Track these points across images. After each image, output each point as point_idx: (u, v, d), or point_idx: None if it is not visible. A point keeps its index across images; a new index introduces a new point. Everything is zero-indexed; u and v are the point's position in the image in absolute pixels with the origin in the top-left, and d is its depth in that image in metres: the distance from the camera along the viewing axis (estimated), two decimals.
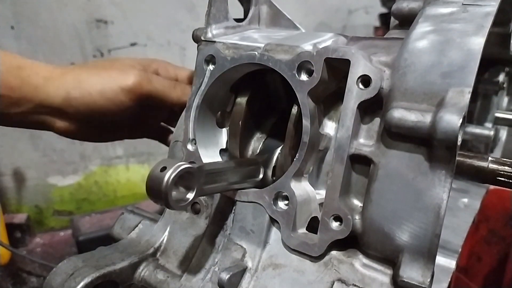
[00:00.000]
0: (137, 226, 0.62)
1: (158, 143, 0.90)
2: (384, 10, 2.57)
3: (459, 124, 0.37)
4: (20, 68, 0.68)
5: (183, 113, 0.60)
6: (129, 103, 0.70)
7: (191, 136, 0.57)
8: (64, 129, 0.73)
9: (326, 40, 0.53)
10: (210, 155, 0.58)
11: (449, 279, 0.51)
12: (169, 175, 0.39)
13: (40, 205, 2.60)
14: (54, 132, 0.75)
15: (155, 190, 0.39)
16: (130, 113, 0.73)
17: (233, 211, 0.53)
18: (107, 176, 2.72)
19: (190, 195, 0.42)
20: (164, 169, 0.39)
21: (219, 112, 0.60)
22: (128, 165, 2.75)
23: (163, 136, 0.88)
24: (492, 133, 0.70)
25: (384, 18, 2.60)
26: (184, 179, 0.41)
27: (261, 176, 0.55)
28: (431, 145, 0.39)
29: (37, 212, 2.60)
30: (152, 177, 0.40)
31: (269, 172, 0.56)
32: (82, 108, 0.69)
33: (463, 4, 0.46)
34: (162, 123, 0.87)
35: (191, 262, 0.55)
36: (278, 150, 0.56)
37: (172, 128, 0.81)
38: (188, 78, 0.80)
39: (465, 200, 0.72)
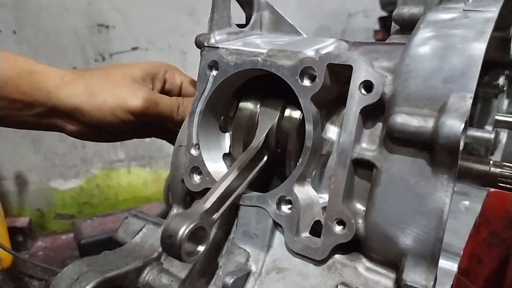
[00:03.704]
0: (141, 230, 0.62)
1: (160, 147, 0.92)
2: (383, 13, 2.58)
3: (461, 129, 0.37)
4: (31, 73, 0.69)
5: (187, 118, 0.61)
6: (137, 121, 0.73)
7: (194, 141, 0.58)
8: (75, 131, 0.75)
9: (328, 45, 0.53)
10: (213, 160, 0.59)
11: (451, 282, 0.51)
12: (179, 238, 0.42)
13: (42, 208, 2.61)
14: (66, 134, 0.77)
15: (169, 249, 0.43)
16: (136, 126, 0.75)
17: (236, 215, 0.54)
18: (109, 179, 2.73)
19: (201, 248, 0.45)
20: (175, 230, 0.42)
21: (222, 117, 0.61)
22: (129, 168, 2.76)
23: (170, 136, 0.90)
24: (492, 136, 0.70)
25: (384, 22, 2.61)
26: (194, 235, 0.44)
27: (265, 158, 0.55)
28: (433, 149, 0.40)
29: (39, 216, 2.61)
30: (164, 238, 0.43)
31: (272, 141, 0.55)
32: (91, 120, 0.72)
33: (464, 10, 0.47)
34: (169, 124, 0.88)
35: (195, 266, 0.55)
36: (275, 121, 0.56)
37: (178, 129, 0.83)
38: (192, 85, 0.81)
39: (466, 202, 0.73)
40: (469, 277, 1.11)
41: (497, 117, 0.83)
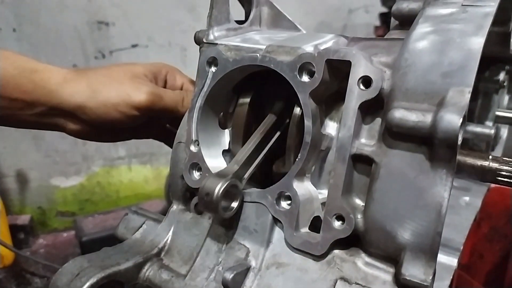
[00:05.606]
0: (141, 226, 0.62)
1: (160, 144, 0.91)
2: (384, 9, 2.57)
3: (459, 124, 0.37)
4: (33, 72, 0.68)
5: (186, 114, 0.61)
6: (141, 116, 0.73)
7: (194, 137, 0.58)
8: (76, 131, 0.75)
9: (327, 41, 0.53)
10: (213, 156, 0.59)
11: (451, 277, 0.51)
12: (217, 191, 0.48)
13: (43, 206, 2.62)
14: (66, 133, 0.77)
15: (208, 206, 0.49)
16: (140, 122, 0.75)
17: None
18: (110, 177, 2.73)
19: (235, 204, 0.51)
20: (211, 188, 0.48)
21: (222, 113, 0.61)
22: (130, 165, 2.76)
23: (167, 138, 0.90)
24: (493, 131, 0.70)
25: (385, 17, 2.61)
26: (228, 192, 0.49)
27: (278, 133, 0.57)
28: (432, 144, 0.40)
29: (40, 213, 2.62)
30: (202, 197, 0.49)
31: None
32: (95, 117, 0.71)
33: (462, 5, 0.46)
34: (167, 125, 0.88)
35: (195, 262, 0.55)
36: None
37: (176, 131, 0.84)
38: (192, 85, 0.82)
39: (467, 198, 0.73)
40: (470, 273, 1.12)
41: (498, 113, 0.83)
